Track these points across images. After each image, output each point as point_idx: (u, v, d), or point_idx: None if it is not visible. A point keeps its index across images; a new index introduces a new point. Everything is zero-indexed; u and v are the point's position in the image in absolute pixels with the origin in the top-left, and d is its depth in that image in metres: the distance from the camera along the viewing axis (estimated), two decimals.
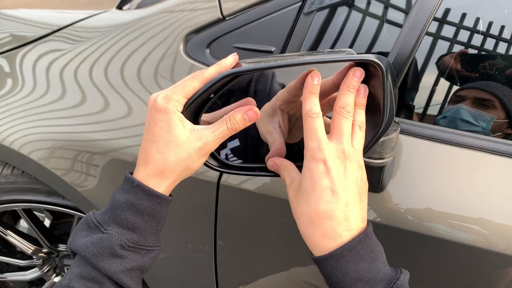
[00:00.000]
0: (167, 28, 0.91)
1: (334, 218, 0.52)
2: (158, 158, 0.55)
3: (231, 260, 0.98)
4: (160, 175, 0.56)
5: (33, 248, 1.31)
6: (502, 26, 0.75)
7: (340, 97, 0.55)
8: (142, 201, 0.55)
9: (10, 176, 1.13)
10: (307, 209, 0.53)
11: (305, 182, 0.53)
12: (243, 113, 0.56)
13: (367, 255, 0.52)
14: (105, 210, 0.56)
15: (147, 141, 0.57)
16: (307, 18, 0.81)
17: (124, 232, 0.54)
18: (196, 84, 0.56)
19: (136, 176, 0.57)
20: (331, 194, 0.52)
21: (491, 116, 0.76)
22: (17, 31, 1.10)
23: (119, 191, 0.57)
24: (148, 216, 0.55)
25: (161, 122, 0.55)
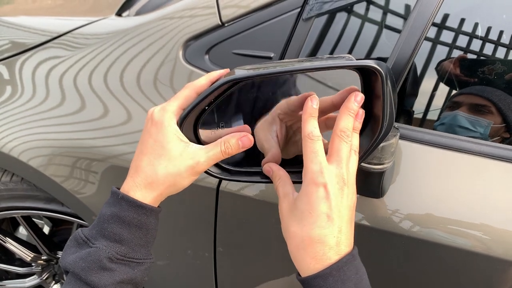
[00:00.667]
0: (166, 35, 0.92)
1: (326, 244, 0.52)
2: (148, 170, 0.56)
3: (231, 266, 0.98)
4: (148, 187, 0.56)
5: (32, 255, 1.31)
6: (501, 31, 0.75)
7: (340, 121, 0.55)
8: (127, 213, 0.55)
9: (9, 183, 1.12)
10: (300, 231, 0.53)
11: (302, 204, 0.53)
12: (238, 139, 0.57)
13: (353, 275, 0.53)
14: (93, 225, 0.57)
15: (139, 153, 0.57)
16: (306, 24, 0.81)
17: (111, 245, 0.54)
18: (188, 93, 0.57)
19: (124, 186, 0.57)
20: (327, 219, 0.52)
21: (488, 122, 0.76)
22: (17, 38, 1.10)
23: (106, 205, 0.57)
24: (135, 227, 0.55)
25: (155, 135, 0.56)
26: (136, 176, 0.56)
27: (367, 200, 0.77)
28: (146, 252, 0.58)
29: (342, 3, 0.79)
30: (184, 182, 0.57)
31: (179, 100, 0.57)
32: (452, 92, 0.79)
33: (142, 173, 0.56)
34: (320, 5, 0.80)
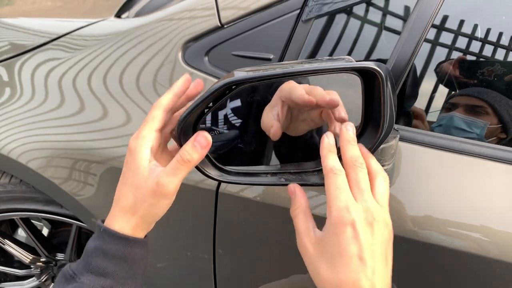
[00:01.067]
0: (166, 36, 0.91)
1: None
2: (122, 200, 0.55)
3: (230, 268, 0.97)
4: (124, 217, 0.55)
5: (31, 257, 1.31)
6: (500, 32, 0.75)
7: (345, 153, 0.54)
8: (109, 245, 0.54)
9: (8, 185, 1.12)
10: (333, 277, 0.50)
11: (332, 247, 0.50)
12: (192, 141, 0.54)
13: None
14: (80, 260, 0.56)
15: (119, 184, 0.57)
16: (305, 25, 0.81)
17: (96, 279, 0.53)
18: (156, 114, 0.56)
19: (107, 221, 0.56)
20: (359, 261, 0.49)
21: (484, 123, 0.76)
22: (16, 39, 1.10)
23: (91, 239, 0.56)
24: (119, 259, 0.54)
25: (130, 163, 0.55)
26: (114, 208, 0.56)
27: None
28: (135, 284, 0.57)
29: (341, 4, 0.79)
30: (156, 208, 0.55)
31: (149, 123, 0.55)
32: (451, 93, 0.79)
33: (118, 204, 0.56)
34: (319, 7, 0.80)
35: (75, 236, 1.23)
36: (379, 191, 0.53)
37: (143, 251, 0.57)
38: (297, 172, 0.63)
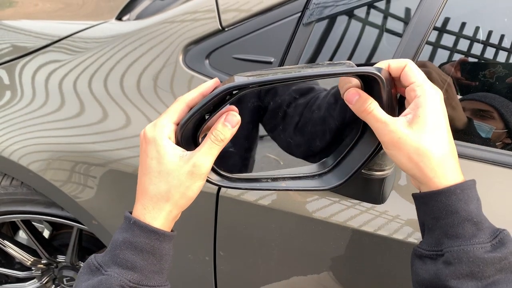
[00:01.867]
0: (166, 39, 0.91)
1: (455, 157, 0.53)
2: (151, 190, 0.55)
3: (231, 270, 0.97)
4: (156, 207, 0.55)
5: (32, 260, 1.31)
6: (502, 35, 0.74)
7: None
8: (139, 238, 0.53)
9: (9, 187, 1.12)
10: (442, 145, 0.52)
11: (434, 118, 0.52)
12: (223, 121, 0.55)
13: (475, 200, 0.52)
14: (106, 252, 0.55)
15: (141, 175, 0.56)
16: (306, 28, 0.81)
17: (124, 272, 0.52)
18: (179, 107, 0.56)
19: (134, 211, 0.56)
20: (450, 134, 0.54)
21: (490, 127, 0.76)
22: (18, 41, 1.10)
23: (119, 231, 0.56)
24: (148, 253, 0.54)
25: (151, 153, 0.55)
26: (143, 199, 0.55)
27: (368, 206, 0.77)
28: (161, 279, 0.56)
29: (342, 8, 0.79)
30: (190, 191, 0.55)
31: (169, 114, 0.56)
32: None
33: (147, 194, 0.55)
34: (320, 10, 0.80)
35: (76, 238, 1.23)
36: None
37: (170, 246, 0.57)
38: (297, 177, 0.63)
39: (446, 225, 0.51)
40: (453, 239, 0.51)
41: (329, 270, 0.86)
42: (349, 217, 0.78)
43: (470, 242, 0.50)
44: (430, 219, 0.53)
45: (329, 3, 0.80)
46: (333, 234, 0.81)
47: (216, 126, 0.55)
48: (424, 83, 0.54)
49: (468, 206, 0.51)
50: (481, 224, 0.51)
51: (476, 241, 0.50)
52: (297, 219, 0.81)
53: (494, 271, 0.49)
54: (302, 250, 0.87)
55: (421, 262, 0.54)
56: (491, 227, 0.51)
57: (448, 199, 0.51)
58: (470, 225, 0.50)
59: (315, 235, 0.83)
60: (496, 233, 0.50)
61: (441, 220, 0.52)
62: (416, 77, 0.54)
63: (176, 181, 0.54)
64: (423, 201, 0.54)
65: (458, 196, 0.51)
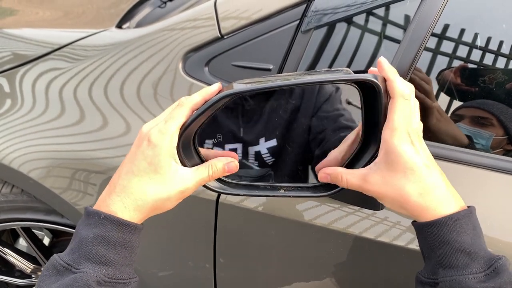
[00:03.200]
0: (166, 47, 0.92)
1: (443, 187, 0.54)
2: (138, 193, 0.55)
3: (231, 277, 0.97)
4: (137, 210, 0.55)
5: (32, 267, 1.31)
6: (501, 41, 0.75)
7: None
8: (112, 233, 0.53)
9: (9, 194, 1.12)
10: (419, 184, 0.53)
11: (407, 162, 0.53)
12: (225, 164, 0.58)
13: (470, 230, 0.52)
14: (72, 250, 0.54)
15: (129, 172, 0.55)
16: (304, 36, 0.81)
17: (98, 268, 0.52)
18: (185, 111, 0.56)
19: (104, 205, 0.55)
20: (427, 169, 0.54)
21: (489, 134, 0.76)
22: (18, 50, 1.11)
23: (84, 227, 0.54)
24: (120, 247, 0.54)
25: (151, 158, 0.54)
26: (125, 197, 0.55)
27: (368, 212, 0.77)
28: (131, 272, 0.56)
29: (340, 15, 0.79)
30: (170, 205, 0.57)
31: (177, 120, 0.55)
32: (453, 102, 0.79)
33: (132, 195, 0.55)
34: (318, 18, 0.80)
35: None
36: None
37: (139, 239, 0.57)
38: (297, 186, 0.64)
39: (440, 255, 0.52)
40: (446, 269, 0.51)
41: (329, 277, 0.86)
42: (350, 224, 0.78)
43: (462, 273, 0.50)
44: (426, 248, 0.55)
45: (327, 11, 0.80)
46: (334, 240, 0.80)
47: (217, 164, 0.59)
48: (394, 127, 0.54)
49: (461, 236, 0.51)
50: (474, 254, 0.51)
51: (469, 271, 0.50)
52: (297, 226, 0.81)
53: None
54: (302, 256, 0.87)
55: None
56: (487, 256, 0.51)
57: (440, 230, 0.52)
58: (463, 255, 0.51)
59: (315, 241, 0.83)
60: (491, 263, 0.50)
61: (435, 250, 0.53)
62: (391, 117, 0.54)
63: (166, 195, 0.55)
64: (418, 231, 0.56)
65: (450, 228, 0.51)
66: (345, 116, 0.76)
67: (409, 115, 0.54)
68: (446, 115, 0.76)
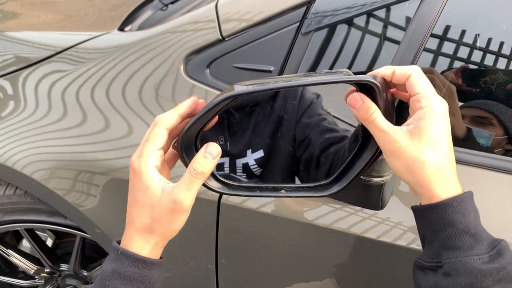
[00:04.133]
0: (168, 49, 0.93)
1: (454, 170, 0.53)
2: (138, 222, 0.55)
3: (233, 278, 0.98)
4: (142, 238, 0.55)
5: (35, 268, 1.31)
6: (501, 41, 0.75)
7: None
8: (128, 268, 0.53)
9: (13, 196, 1.13)
10: (441, 160, 0.52)
11: (435, 131, 0.52)
12: (203, 153, 0.54)
13: (473, 212, 0.52)
14: (95, 283, 0.55)
15: (129, 205, 0.56)
16: (305, 38, 0.82)
17: None
18: (158, 133, 0.55)
19: (123, 242, 0.56)
20: (450, 146, 0.54)
21: (489, 133, 0.76)
22: (21, 52, 1.12)
23: (107, 261, 0.55)
24: (137, 282, 0.54)
25: (137, 184, 0.54)
26: (130, 229, 0.55)
27: (370, 212, 0.77)
28: None
29: (340, 17, 0.80)
30: (174, 225, 0.55)
31: (151, 142, 0.55)
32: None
33: (134, 225, 0.55)
34: (318, 20, 0.81)
35: (79, 247, 1.24)
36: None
37: (160, 272, 0.57)
38: (297, 186, 0.64)
39: (444, 238, 0.52)
40: (451, 250, 0.51)
41: (331, 277, 0.87)
42: (351, 224, 0.79)
43: (467, 254, 0.50)
44: (429, 232, 0.54)
45: (327, 13, 0.81)
46: (335, 241, 0.81)
47: (196, 158, 0.54)
48: (429, 94, 0.54)
49: (466, 218, 0.51)
50: (479, 236, 0.51)
51: (473, 252, 0.50)
52: (299, 226, 0.82)
53: (492, 281, 0.49)
54: (304, 257, 0.87)
55: (422, 273, 0.55)
56: (489, 238, 0.52)
57: (445, 212, 0.51)
58: (467, 237, 0.51)
59: (317, 242, 0.83)
60: (494, 244, 0.51)
61: (439, 232, 0.52)
62: (421, 88, 0.54)
63: (158, 215, 0.53)
64: (421, 214, 0.55)
65: (455, 209, 0.51)
66: (328, 120, 0.77)
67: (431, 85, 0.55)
68: (455, 106, 0.76)
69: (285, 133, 0.78)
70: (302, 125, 0.77)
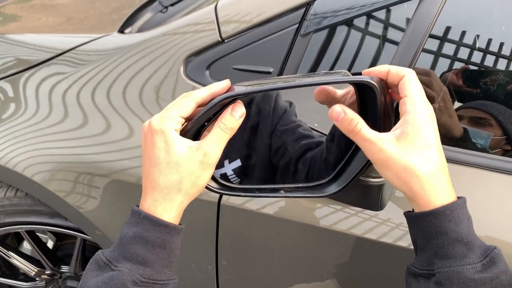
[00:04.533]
0: (168, 51, 0.93)
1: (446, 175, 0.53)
2: (162, 182, 0.54)
3: (233, 279, 0.98)
4: (167, 199, 0.54)
5: (36, 270, 1.31)
6: (501, 43, 0.75)
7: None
8: (150, 233, 0.53)
9: (14, 198, 1.13)
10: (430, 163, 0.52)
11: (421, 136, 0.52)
12: (230, 111, 0.55)
13: (465, 220, 0.52)
14: (114, 247, 0.55)
15: (149, 167, 0.55)
16: (304, 39, 0.82)
17: (135, 267, 0.52)
18: (188, 102, 0.55)
19: (144, 205, 0.55)
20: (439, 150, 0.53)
21: (488, 134, 0.76)
22: (22, 55, 1.12)
23: (127, 226, 0.55)
24: (159, 247, 0.54)
25: (159, 143, 0.54)
26: (153, 190, 0.54)
27: (371, 213, 0.77)
28: (170, 273, 0.56)
29: (338, 18, 0.80)
30: (201, 180, 0.55)
31: (178, 107, 0.55)
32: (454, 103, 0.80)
33: (157, 186, 0.54)
34: (317, 21, 0.81)
35: (79, 249, 1.24)
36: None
37: (179, 239, 0.57)
38: (297, 187, 0.64)
39: (437, 246, 0.51)
40: (443, 259, 0.51)
41: (332, 278, 0.87)
42: (352, 225, 0.79)
43: (460, 263, 0.50)
44: (421, 239, 0.54)
45: (325, 14, 0.81)
46: (336, 242, 0.81)
47: (224, 115, 0.55)
48: (416, 98, 0.53)
49: (458, 226, 0.51)
50: (471, 244, 0.51)
51: (466, 261, 0.50)
52: (300, 228, 0.82)
53: None
54: (304, 258, 0.87)
55: (415, 280, 0.55)
56: (482, 246, 0.51)
57: (438, 220, 0.51)
58: (460, 245, 0.50)
59: (317, 243, 0.83)
60: (487, 252, 0.50)
61: (431, 240, 0.52)
62: (410, 91, 0.53)
63: (187, 171, 0.54)
64: (413, 221, 0.55)
65: (448, 217, 0.51)
66: (303, 126, 0.77)
67: (422, 88, 0.54)
68: (451, 108, 0.76)
69: (260, 141, 0.79)
70: (278, 133, 0.78)
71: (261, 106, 0.78)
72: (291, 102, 0.79)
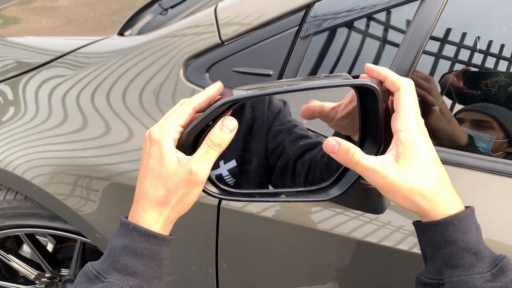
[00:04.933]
0: (168, 53, 0.93)
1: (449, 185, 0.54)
2: (151, 194, 0.54)
3: (233, 282, 0.97)
4: (155, 211, 0.54)
5: (35, 273, 1.31)
6: (502, 44, 0.75)
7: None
8: (139, 244, 0.53)
9: (13, 201, 1.13)
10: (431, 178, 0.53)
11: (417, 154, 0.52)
12: (220, 125, 0.54)
13: (474, 229, 0.52)
14: (103, 259, 0.55)
15: (142, 176, 0.56)
16: (304, 41, 0.82)
17: (124, 278, 0.52)
18: (186, 109, 0.56)
19: (133, 215, 0.55)
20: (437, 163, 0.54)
21: (490, 137, 0.76)
22: (22, 57, 1.12)
23: (116, 237, 0.55)
24: (148, 258, 0.53)
25: (154, 154, 0.54)
26: (142, 201, 0.55)
27: (372, 217, 0.77)
28: (160, 284, 0.56)
29: (338, 20, 0.80)
30: (188, 198, 0.55)
31: (176, 116, 0.55)
32: (455, 105, 0.79)
33: (147, 196, 0.54)
34: (317, 23, 0.81)
35: (79, 252, 1.24)
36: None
37: (168, 250, 0.56)
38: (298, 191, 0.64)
39: (446, 255, 0.51)
40: (452, 269, 0.51)
41: (332, 281, 0.86)
42: (352, 229, 0.79)
43: (469, 272, 0.50)
44: (430, 249, 0.54)
45: (325, 17, 0.81)
46: (336, 245, 0.81)
47: (213, 130, 0.54)
48: (408, 115, 0.53)
49: (467, 236, 0.51)
50: (480, 254, 0.51)
51: (475, 271, 0.50)
52: (300, 231, 0.82)
53: None
54: (304, 261, 0.87)
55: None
56: (491, 255, 0.51)
57: (446, 230, 0.51)
58: (469, 255, 0.50)
59: (317, 246, 0.83)
60: (496, 262, 0.50)
61: (440, 250, 0.52)
62: (403, 108, 0.53)
63: (174, 186, 0.53)
64: (422, 231, 0.55)
65: (456, 227, 0.51)
66: (299, 126, 0.77)
67: (417, 105, 0.54)
68: (450, 114, 0.76)
69: (256, 141, 0.79)
70: (274, 133, 0.77)
71: (255, 106, 0.78)
72: (285, 101, 0.79)
